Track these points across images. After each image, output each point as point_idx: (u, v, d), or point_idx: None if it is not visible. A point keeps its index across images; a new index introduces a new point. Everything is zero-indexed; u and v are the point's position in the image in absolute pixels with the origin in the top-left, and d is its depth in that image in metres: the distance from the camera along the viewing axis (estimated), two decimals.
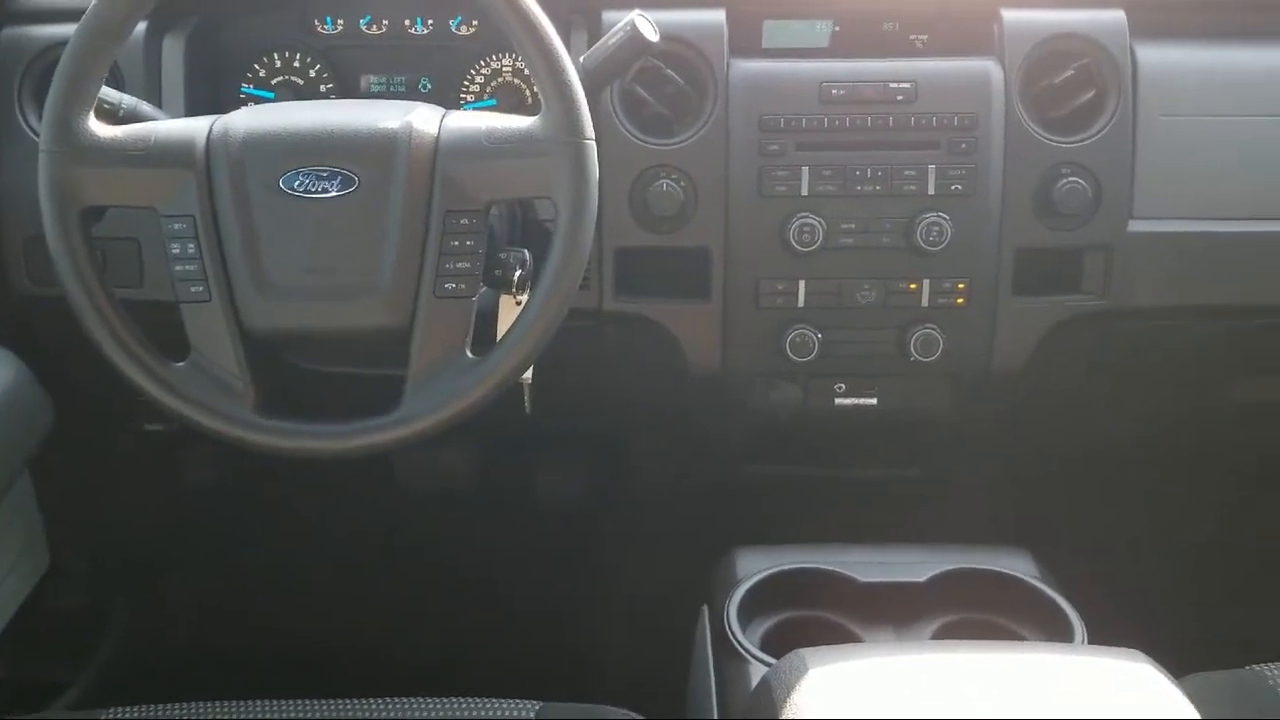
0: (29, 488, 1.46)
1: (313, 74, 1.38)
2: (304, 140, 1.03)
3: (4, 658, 1.52)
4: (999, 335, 1.30)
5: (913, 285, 1.29)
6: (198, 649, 1.78)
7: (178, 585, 1.82)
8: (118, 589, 1.73)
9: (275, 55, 1.37)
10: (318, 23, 1.37)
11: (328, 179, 1.02)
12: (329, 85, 1.38)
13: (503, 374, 1.02)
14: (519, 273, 1.09)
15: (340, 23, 1.37)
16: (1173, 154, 1.28)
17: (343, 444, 1.03)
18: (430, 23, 1.37)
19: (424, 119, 1.04)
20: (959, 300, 1.29)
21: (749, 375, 1.35)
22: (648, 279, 1.31)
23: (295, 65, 1.37)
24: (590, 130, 1.02)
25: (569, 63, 1.02)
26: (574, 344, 1.14)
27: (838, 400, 1.35)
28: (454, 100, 1.37)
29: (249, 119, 1.05)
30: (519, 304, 1.08)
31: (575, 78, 1.02)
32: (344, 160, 1.02)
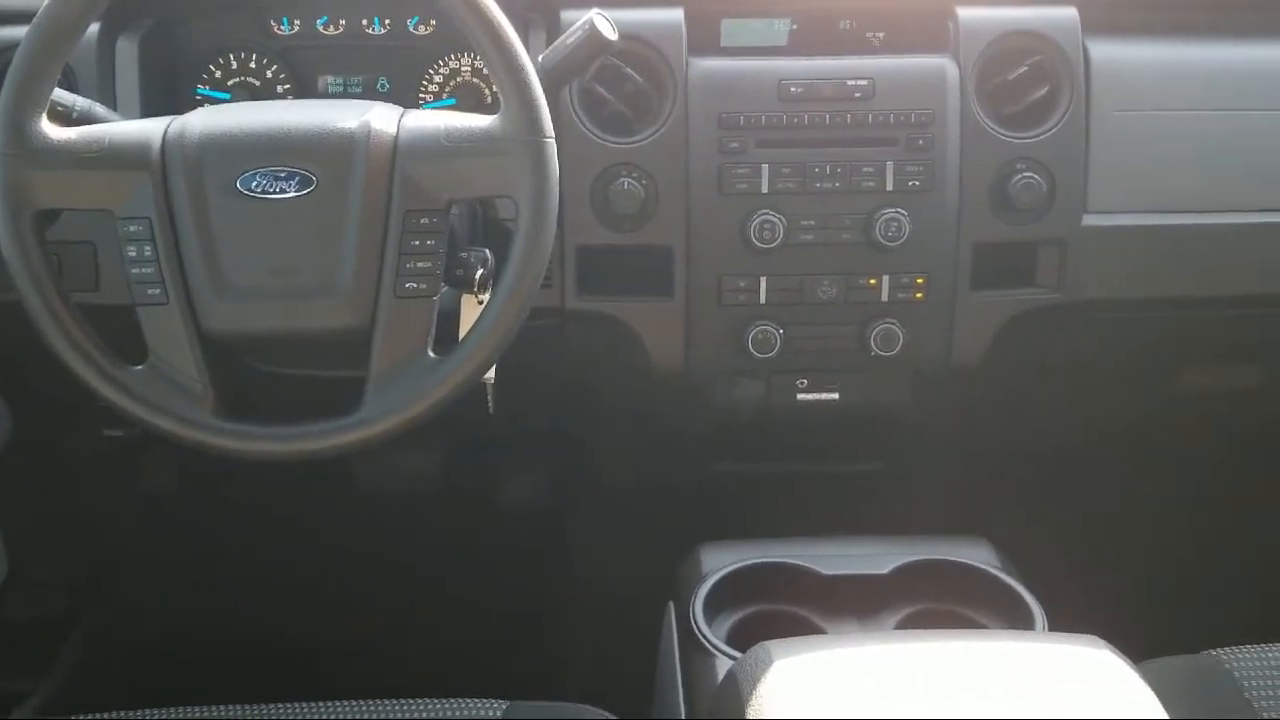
0: None
1: (269, 75, 1.37)
2: (261, 140, 1.02)
3: None
4: (957, 329, 1.32)
5: (872, 280, 1.30)
6: (161, 655, 1.76)
7: (140, 592, 1.80)
8: (79, 597, 1.71)
9: (231, 56, 1.36)
10: (274, 23, 1.36)
11: (285, 179, 1.01)
12: (286, 86, 1.37)
13: (465, 374, 1.02)
14: (480, 272, 1.09)
15: (297, 23, 1.36)
16: (1125, 149, 1.30)
17: (303, 446, 1.02)
18: (388, 23, 1.36)
19: (382, 118, 1.03)
20: (918, 295, 1.30)
21: (712, 372, 1.35)
22: (610, 277, 1.32)
23: (251, 66, 1.36)
24: (550, 128, 1.02)
25: (528, 61, 1.02)
26: (537, 343, 1.14)
27: (800, 396, 1.37)
28: (412, 100, 1.37)
29: (205, 119, 1.04)
30: (481, 303, 1.08)
31: (534, 76, 1.02)
32: (302, 160, 1.01)
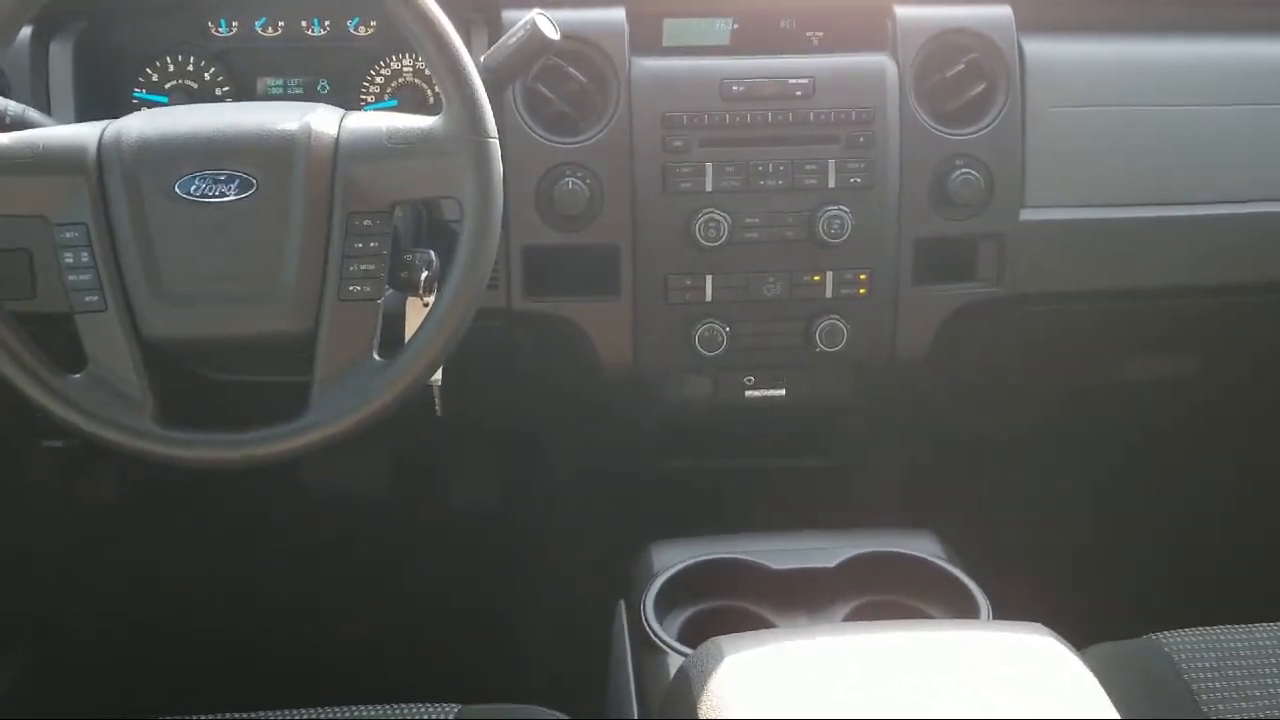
0: None
1: (207, 77, 1.35)
2: (200, 143, 1.01)
3: None
4: (900, 324, 1.33)
5: (816, 277, 1.31)
6: (105, 665, 1.73)
7: (81, 606, 1.76)
8: (18, 611, 1.67)
9: (168, 59, 1.34)
10: (211, 25, 1.35)
11: (225, 182, 1.00)
12: (224, 89, 1.35)
13: (411, 376, 1.01)
14: (425, 274, 1.08)
15: (235, 25, 1.35)
16: (1060, 144, 1.33)
17: (248, 452, 1.01)
18: (327, 24, 1.35)
19: (323, 120, 1.02)
20: (861, 290, 1.32)
21: (660, 371, 1.36)
22: (557, 277, 1.32)
23: (189, 69, 1.34)
24: (493, 128, 1.01)
25: (470, 61, 1.01)
26: (484, 344, 1.14)
27: (747, 392, 1.37)
28: (354, 101, 1.36)
29: (142, 123, 1.02)
30: (426, 306, 1.07)
31: (476, 76, 1.01)
32: (241, 163, 1.00)
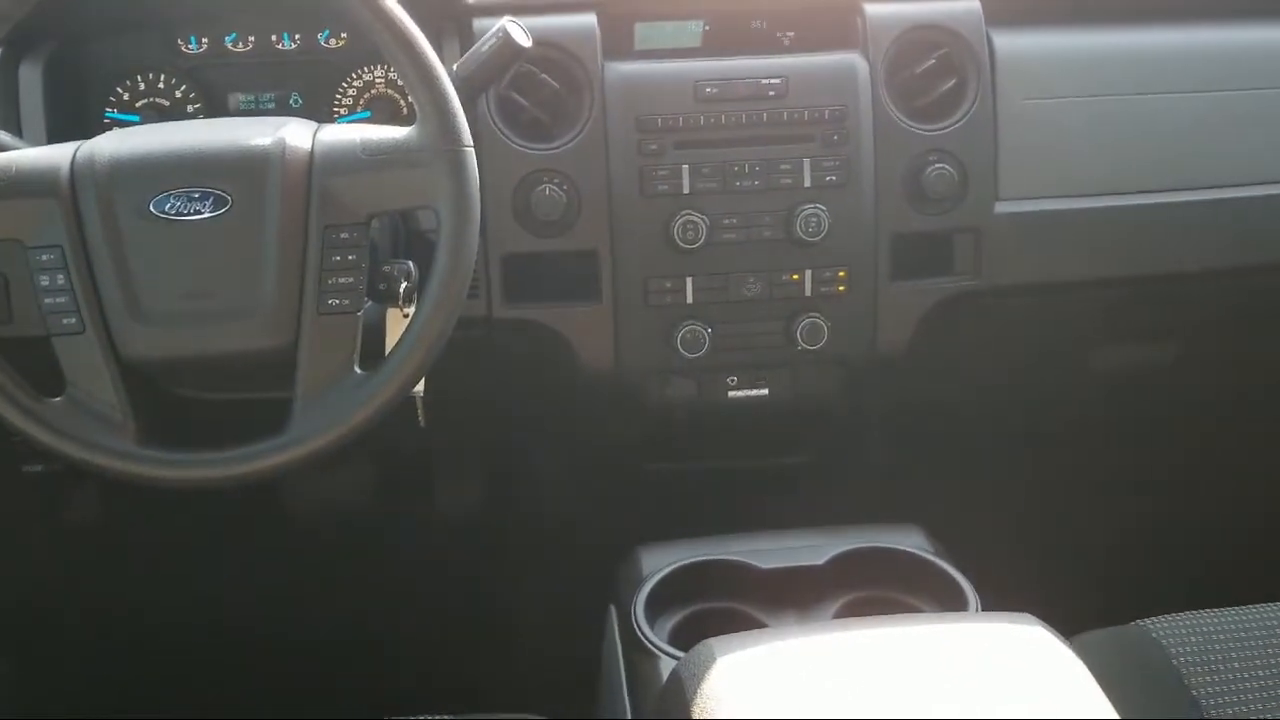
0: None
1: (179, 94, 1.34)
2: (173, 162, 1.00)
3: None
4: (880, 319, 1.34)
5: (796, 276, 1.31)
6: (90, 690, 1.72)
7: (64, 634, 1.75)
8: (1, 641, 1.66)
9: (139, 77, 1.33)
10: (181, 42, 1.34)
11: (200, 200, 1.00)
12: (196, 105, 1.35)
13: (393, 389, 1.01)
14: (404, 285, 1.08)
15: (205, 41, 1.34)
16: (1033, 136, 1.33)
17: (231, 471, 1.01)
18: (298, 37, 1.35)
19: (296, 134, 1.02)
20: (840, 288, 1.32)
21: (643, 374, 1.36)
22: (537, 284, 1.31)
23: (160, 87, 1.34)
24: (468, 137, 1.01)
25: (442, 71, 1.01)
26: (466, 353, 1.14)
27: (731, 393, 1.38)
28: (327, 114, 1.35)
29: (115, 143, 1.02)
30: (406, 317, 1.07)
31: (450, 85, 1.01)
32: (215, 180, 1.00)
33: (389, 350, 1.03)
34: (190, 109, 1.34)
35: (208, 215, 0.99)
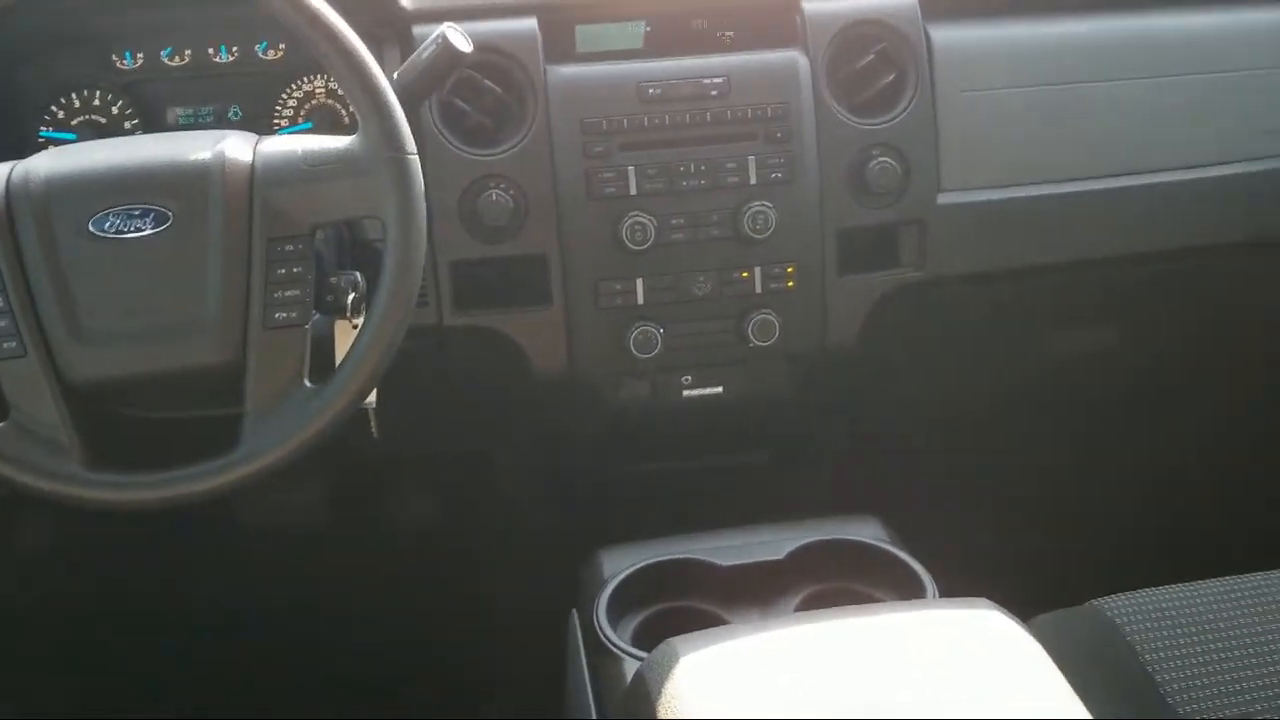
0: None
1: (115, 111, 1.32)
2: (111, 179, 0.99)
3: None
4: (830, 313, 1.35)
5: (745, 273, 1.32)
6: (46, 711, 1.69)
7: (18, 657, 1.72)
8: None
9: (74, 95, 1.31)
10: (116, 58, 1.32)
11: (140, 217, 0.98)
12: (133, 122, 1.33)
13: (344, 400, 1.00)
14: (352, 296, 1.07)
15: (140, 56, 1.32)
16: (972, 127, 1.35)
17: (182, 490, 0.99)
18: (235, 50, 1.33)
19: (236, 147, 1.01)
20: (789, 283, 1.33)
21: (596, 376, 1.36)
22: (487, 290, 1.31)
23: (96, 104, 1.32)
24: (411, 144, 1.01)
25: (383, 78, 1.01)
26: (418, 362, 1.13)
27: (685, 392, 1.38)
28: (267, 126, 1.34)
29: (51, 162, 1.00)
30: (355, 328, 1.06)
31: (391, 93, 1.01)
32: (155, 196, 0.98)
33: (339, 362, 1.03)
34: (128, 125, 1.33)
35: (149, 232, 0.98)
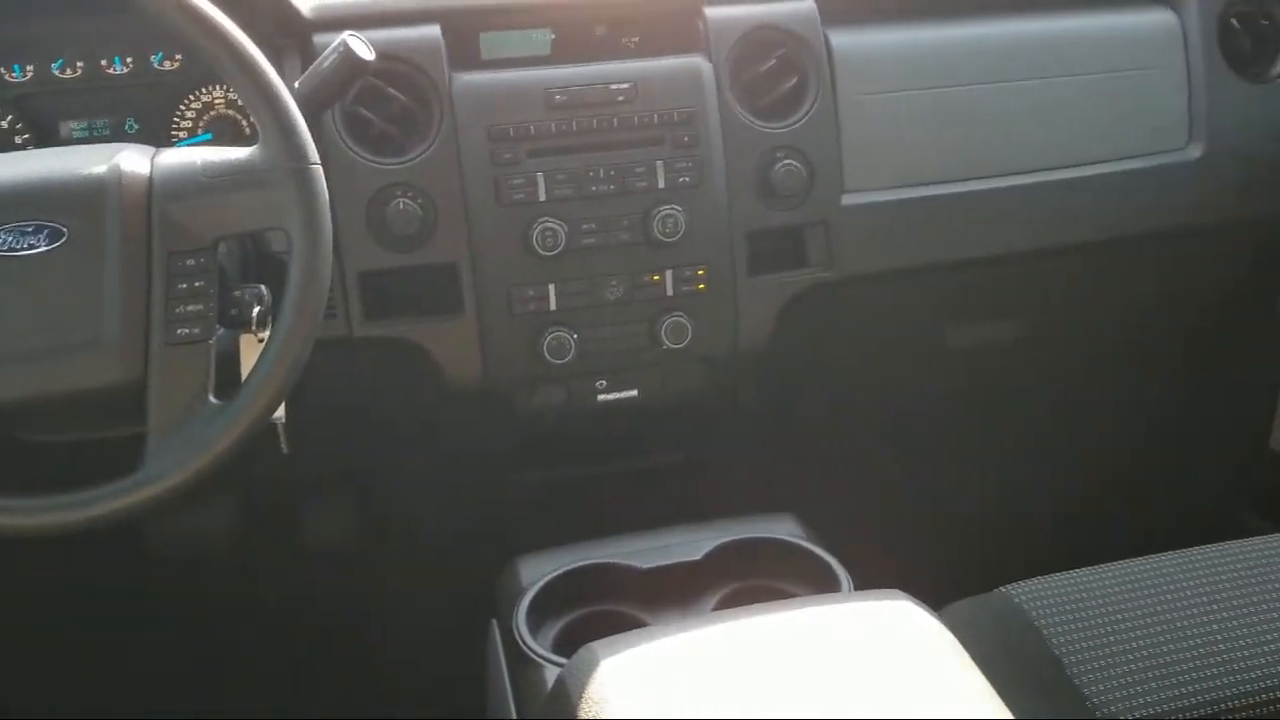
0: None
1: (4, 125, 1.28)
2: (2, 195, 0.96)
3: None
4: (741, 315, 1.36)
5: (656, 276, 1.33)
6: None
7: None
8: None
9: None
10: (4, 70, 1.28)
11: (33, 234, 0.95)
12: (25, 136, 1.29)
13: (251, 416, 0.98)
14: (257, 309, 1.05)
15: (30, 69, 1.28)
16: (873, 129, 1.38)
17: (85, 513, 0.96)
18: (129, 61, 1.30)
19: (133, 160, 0.99)
20: (700, 286, 1.34)
21: (511, 383, 1.35)
22: (397, 300, 1.30)
23: None
24: (314, 154, 0.99)
25: (283, 88, 0.99)
26: (328, 375, 1.12)
27: (600, 397, 1.38)
28: (166, 139, 1.31)
29: None
30: (261, 342, 1.04)
31: (291, 102, 0.99)
32: (48, 212, 0.96)
33: (245, 378, 1.01)
34: (19, 140, 1.29)
35: (43, 249, 0.95)
